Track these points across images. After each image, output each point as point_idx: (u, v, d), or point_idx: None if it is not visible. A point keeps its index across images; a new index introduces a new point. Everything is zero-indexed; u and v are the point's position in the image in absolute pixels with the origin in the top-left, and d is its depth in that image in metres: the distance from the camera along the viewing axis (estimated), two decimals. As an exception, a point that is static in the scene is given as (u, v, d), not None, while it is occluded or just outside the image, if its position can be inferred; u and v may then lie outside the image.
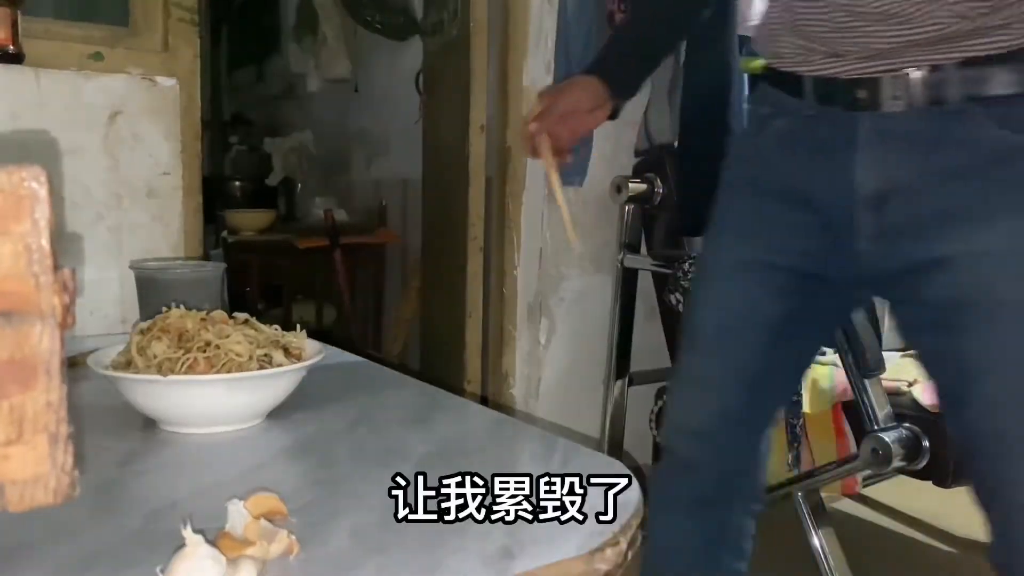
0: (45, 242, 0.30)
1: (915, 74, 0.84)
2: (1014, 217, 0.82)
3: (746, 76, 1.89)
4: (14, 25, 1.38)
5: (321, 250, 2.94)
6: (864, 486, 2.28)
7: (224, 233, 2.99)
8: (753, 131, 1.03)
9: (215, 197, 3.19)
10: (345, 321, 3.09)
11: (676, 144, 1.97)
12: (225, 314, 0.81)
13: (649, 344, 2.17)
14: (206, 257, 1.76)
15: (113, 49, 1.55)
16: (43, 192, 0.30)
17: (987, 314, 0.83)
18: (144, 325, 0.77)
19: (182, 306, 0.79)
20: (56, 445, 0.30)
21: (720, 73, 1.81)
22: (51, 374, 0.30)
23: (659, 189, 1.96)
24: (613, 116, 1.12)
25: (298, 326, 0.85)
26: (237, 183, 3.56)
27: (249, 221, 3.07)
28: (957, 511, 2.08)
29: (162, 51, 1.60)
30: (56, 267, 0.31)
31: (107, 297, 1.49)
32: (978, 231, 0.83)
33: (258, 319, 0.83)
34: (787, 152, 0.96)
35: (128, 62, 1.55)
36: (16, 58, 1.39)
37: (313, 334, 0.87)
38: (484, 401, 2.26)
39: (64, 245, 1.44)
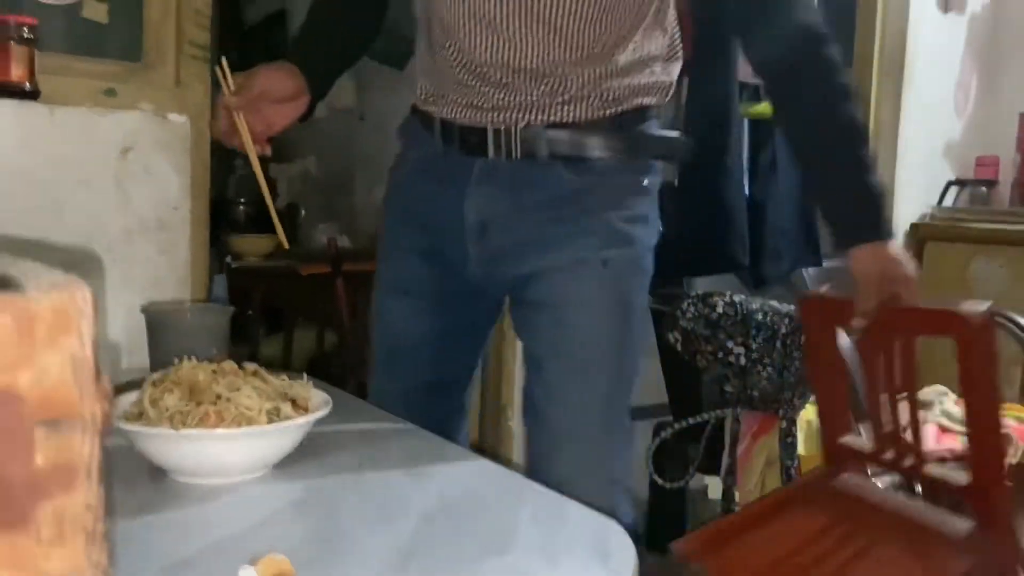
0: (89, 354, 0.32)
1: (513, 131, 1.04)
2: (577, 239, 1.05)
3: (746, 120, 1.93)
4: (31, 62, 1.41)
5: (323, 275, 2.96)
6: (858, 524, 2.29)
7: (228, 258, 3.01)
8: (398, 162, 1.20)
9: (219, 221, 3.21)
10: (346, 347, 3.11)
11: (676, 183, 2.00)
12: (235, 365, 0.83)
13: (647, 379, 2.19)
14: (209, 281, 1.79)
15: (126, 85, 1.58)
16: (88, 308, 0.32)
17: (553, 313, 1.05)
18: (156, 376, 0.79)
19: (194, 357, 0.81)
20: (92, 544, 0.33)
21: (720, 117, 1.85)
22: (91, 477, 0.33)
23: (659, 228, 1.99)
24: (305, 117, 1.09)
25: (305, 375, 0.88)
26: (241, 207, 3.58)
27: (252, 246, 3.09)
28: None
29: (174, 87, 1.63)
30: (98, 376, 0.33)
31: (114, 329, 1.51)
32: (554, 251, 1.05)
33: (259, 343, 0.85)
34: (420, 183, 1.13)
35: (141, 97, 1.58)
36: (32, 95, 1.42)
37: (314, 360, 0.89)
38: (481, 431, 2.28)
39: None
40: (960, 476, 0.95)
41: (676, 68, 1.12)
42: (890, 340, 1.00)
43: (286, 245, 1.05)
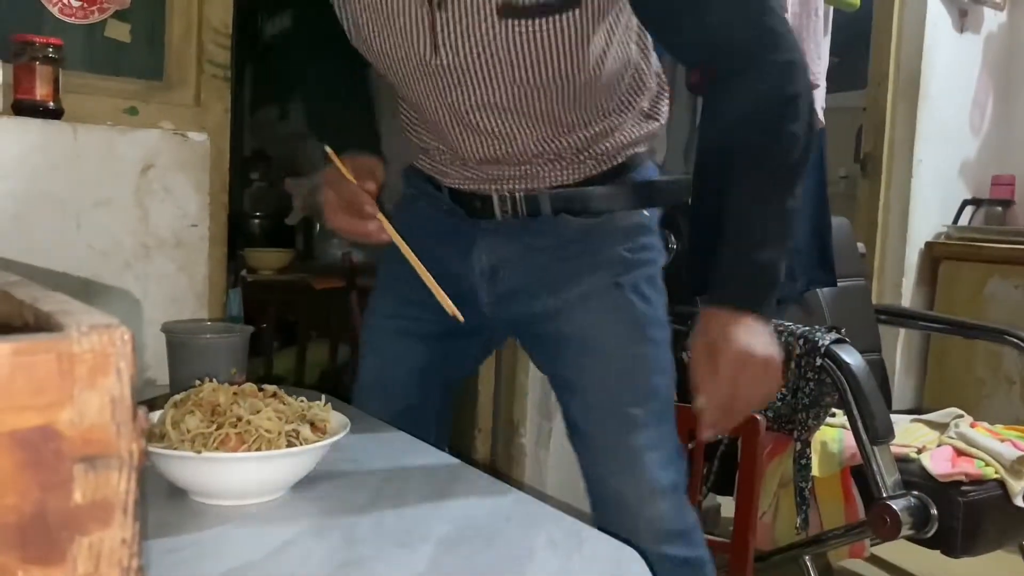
0: (127, 393, 0.33)
1: (518, 195, 1.10)
2: (586, 274, 1.10)
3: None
4: (55, 82, 1.44)
5: (337, 289, 2.98)
6: (872, 546, 2.28)
7: (243, 272, 3.04)
8: (404, 207, 1.23)
9: (235, 234, 3.23)
10: (359, 361, 3.12)
11: (690, 202, 2.00)
12: (255, 387, 0.84)
13: (660, 398, 2.19)
14: (225, 295, 1.80)
15: (147, 104, 1.60)
16: (128, 349, 0.33)
17: (576, 344, 1.10)
18: (178, 398, 0.80)
19: (214, 379, 0.82)
20: (128, 578, 0.33)
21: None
22: (127, 513, 0.33)
23: (673, 245, 1.99)
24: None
25: (323, 397, 0.88)
26: (256, 220, 3.61)
27: (267, 260, 3.12)
28: (968, 573, 2.08)
29: (194, 106, 1.66)
30: (135, 413, 0.34)
31: (132, 345, 1.53)
32: (564, 289, 1.10)
33: (273, 357, 0.86)
34: (428, 230, 1.16)
35: (161, 116, 1.61)
36: (56, 113, 1.44)
37: (326, 374, 0.90)
38: (493, 449, 2.28)
39: (92, 294, 1.48)
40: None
41: (664, 108, 1.15)
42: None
43: (460, 317, 1.00)
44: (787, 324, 1.68)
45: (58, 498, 0.32)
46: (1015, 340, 1.94)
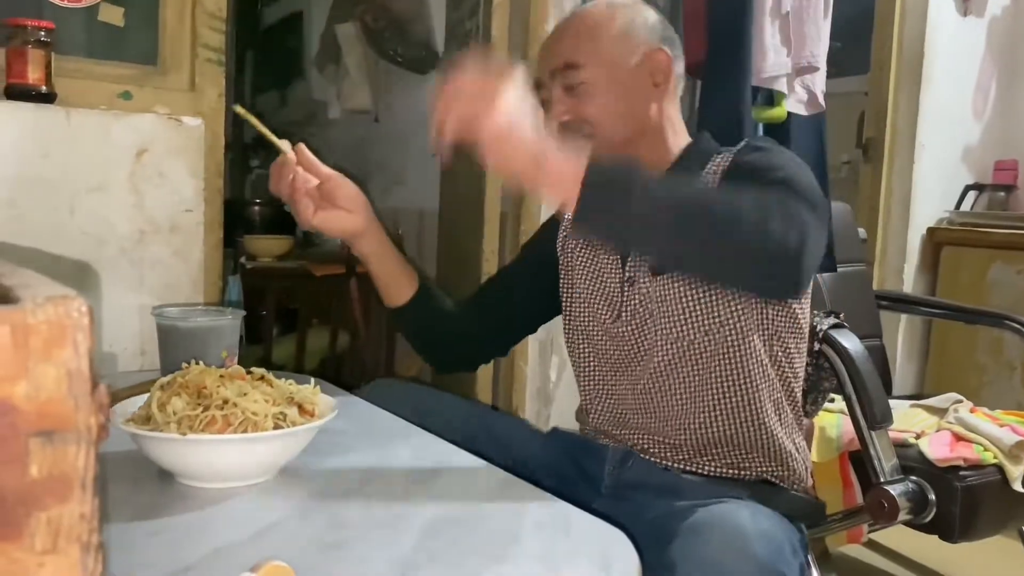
0: (85, 366, 0.33)
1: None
2: None
3: (760, 125, 1.92)
4: (47, 66, 1.43)
5: (337, 277, 2.98)
6: (870, 531, 2.28)
7: (242, 259, 3.03)
8: None
9: (235, 221, 3.22)
10: (359, 348, 3.12)
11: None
12: (243, 370, 0.83)
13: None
14: (224, 282, 1.79)
15: (142, 88, 1.59)
16: (84, 321, 0.33)
17: None
18: (164, 380, 0.80)
19: (201, 362, 0.82)
20: (87, 553, 0.33)
21: (733, 120, 1.84)
22: (85, 488, 0.33)
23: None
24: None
25: (312, 380, 0.88)
26: (256, 207, 3.60)
27: (267, 247, 3.11)
28: (967, 560, 2.08)
29: (189, 90, 1.65)
30: (94, 387, 0.33)
31: (127, 331, 1.53)
32: None
33: (273, 344, 0.85)
34: None
35: (156, 101, 1.60)
36: (48, 98, 1.43)
37: (326, 361, 0.89)
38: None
39: (87, 280, 1.47)
40: None
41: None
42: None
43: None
44: (785, 309, 1.67)
45: (14, 473, 0.32)
46: (1016, 325, 1.92)
